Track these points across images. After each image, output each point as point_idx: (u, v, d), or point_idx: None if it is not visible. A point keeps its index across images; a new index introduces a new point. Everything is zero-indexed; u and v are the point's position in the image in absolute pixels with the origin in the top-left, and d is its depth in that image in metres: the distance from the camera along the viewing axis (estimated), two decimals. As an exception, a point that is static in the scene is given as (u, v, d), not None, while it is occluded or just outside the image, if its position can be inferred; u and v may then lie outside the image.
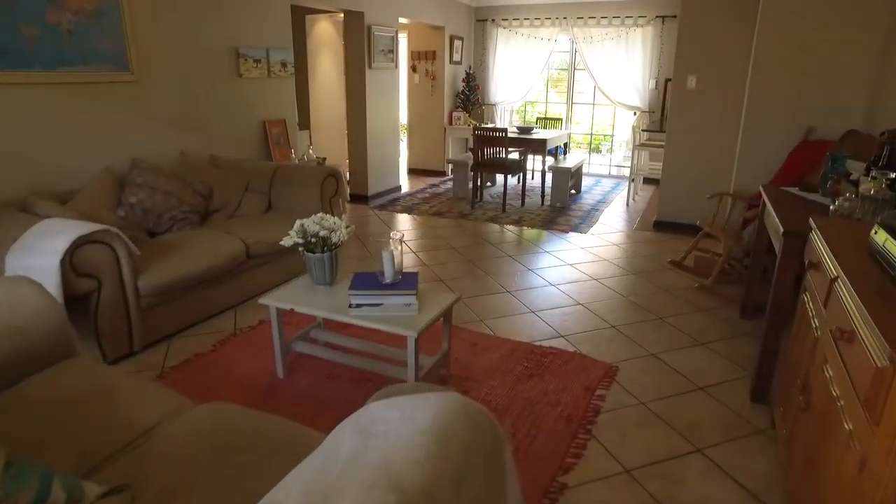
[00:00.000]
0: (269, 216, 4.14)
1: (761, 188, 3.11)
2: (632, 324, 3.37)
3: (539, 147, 6.34)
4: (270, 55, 4.85)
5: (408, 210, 6.15)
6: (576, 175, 6.91)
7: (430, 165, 8.36)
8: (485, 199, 6.64)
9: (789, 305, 2.39)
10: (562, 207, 6.31)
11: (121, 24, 3.52)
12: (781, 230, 2.30)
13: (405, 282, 2.45)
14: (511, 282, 4.03)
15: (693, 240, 4.23)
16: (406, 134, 8.69)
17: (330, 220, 2.63)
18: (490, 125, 8.29)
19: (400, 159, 8.49)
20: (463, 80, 8.20)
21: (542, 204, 6.45)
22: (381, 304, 2.37)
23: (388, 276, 2.44)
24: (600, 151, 9.56)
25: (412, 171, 8.49)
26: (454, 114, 8.16)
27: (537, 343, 3.09)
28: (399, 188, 7.19)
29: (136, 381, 1.84)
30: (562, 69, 8.76)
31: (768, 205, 2.83)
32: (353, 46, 6.18)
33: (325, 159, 5.15)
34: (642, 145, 6.48)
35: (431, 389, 1.25)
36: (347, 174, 6.69)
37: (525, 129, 6.78)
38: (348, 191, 6.52)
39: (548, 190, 6.50)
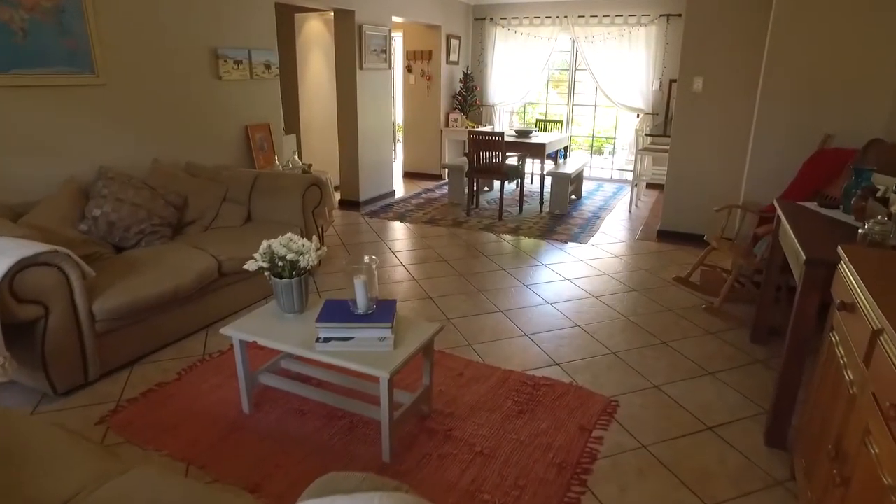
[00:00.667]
0: (247, 228, 3.89)
1: (775, 203, 2.84)
2: (633, 349, 3.11)
3: (537, 151, 6.07)
4: (253, 56, 4.59)
5: (400, 217, 5.89)
6: (576, 180, 6.65)
7: (427, 169, 8.10)
8: (481, 206, 6.38)
9: (811, 337, 2.13)
10: (561, 214, 6.04)
11: (83, 23, 3.27)
12: (803, 257, 2.04)
13: (380, 312, 2.19)
14: (504, 300, 3.77)
15: (700, 254, 3.96)
16: (401, 136, 8.43)
17: (298, 242, 2.37)
18: (488, 128, 8.04)
19: (395, 163, 8.25)
20: (460, 81, 7.93)
21: (541, 211, 6.19)
22: (351, 339, 2.12)
23: (361, 307, 2.18)
24: (602, 154, 9.30)
25: (408, 175, 8.23)
26: (451, 116, 7.90)
27: (530, 372, 2.83)
28: (393, 193, 6.93)
29: (56, 437, 1.59)
30: (563, 69, 8.49)
31: (784, 222, 2.56)
32: (344, 46, 5.92)
33: (310, 165, 4.90)
34: (645, 150, 6.21)
35: (381, 486, 1.00)
36: (338, 179, 6.44)
37: (523, 133, 6.52)
38: (337, 198, 6.28)
39: (547, 196, 6.23)
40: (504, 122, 8.61)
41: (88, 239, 3.19)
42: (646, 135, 5.86)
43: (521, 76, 8.03)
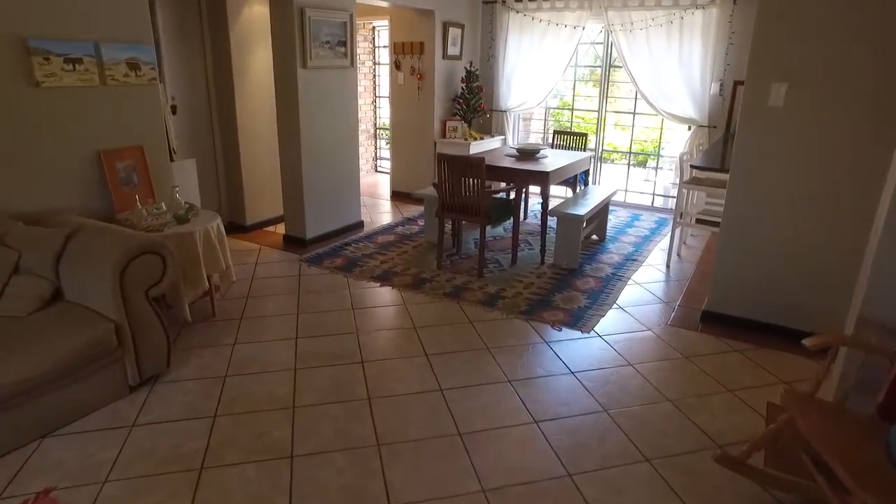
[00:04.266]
0: (38, 320, 2.52)
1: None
2: None
3: (540, 180, 4.41)
4: (104, 52, 3.18)
5: (347, 267, 4.39)
6: (598, 217, 4.94)
7: (417, 188, 6.55)
8: (464, 250, 4.78)
9: None
10: (569, 270, 4.38)
11: None
12: None
13: None
14: (420, 476, 2.21)
15: (766, 429, 2.28)
16: (389, 149, 6.92)
17: None
18: (495, 140, 6.41)
19: (382, 182, 6.82)
20: (462, 81, 6.32)
21: (542, 262, 4.53)
22: None
23: None
24: (644, 166, 7.48)
25: (396, 196, 6.71)
26: (448, 123, 6.32)
27: None
28: (360, 225, 5.44)
29: None
30: (593, 67, 6.74)
31: None
32: (282, 38, 4.45)
33: (191, 206, 3.45)
34: (692, 182, 4.45)
35: None
36: (282, 209, 5.00)
37: (527, 152, 4.87)
38: (281, 233, 4.84)
39: (551, 242, 4.58)
40: (517, 134, 6.94)
41: None
42: (692, 166, 4.11)
43: (541, 75, 6.34)
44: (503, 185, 4.71)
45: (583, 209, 4.41)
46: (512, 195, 4.59)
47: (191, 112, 5.30)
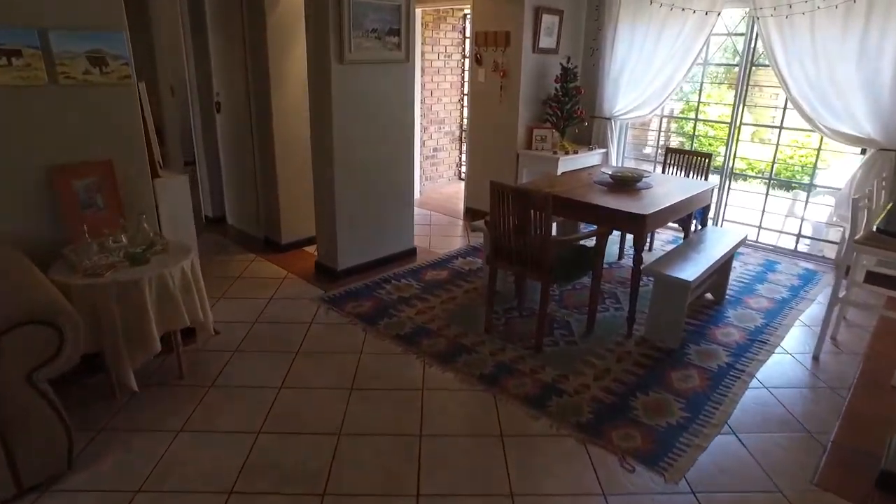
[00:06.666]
0: None
1: None
2: None
3: (632, 225, 3.19)
4: (54, 43, 2.50)
5: (373, 315, 3.48)
6: (717, 275, 3.61)
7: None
8: (529, 303, 3.68)
9: None
10: (666, 352, 3.14)
11: None
12: None
13: None
14: None
15: None
16: (466, 158, 5.93)
17: None
18: (595, 155, 5.19)
19: (455, 196, 5.89)
20: (556, 80, 5.16)
21: (629, 333, 3.32)
22: None
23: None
24: (788, 189, 5.86)
25: (470, 213, 5.72)
26: (536, 131, 5.19)
27: None
28: (411, 254, 4.51)
29: None
30: (728, 65, 5.26)
31: None
32: (315, 24, 3.61)
33: (155, 242, 2.70)
34: (870, 241, 2.99)
35: None
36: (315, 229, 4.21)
37: (625, 180, 3.66)
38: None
39: (645, 304, 3.36)
40: (623, 147, 5.64)
41: None
42: (879, 230, 2.64)
43: (658, 74, 5.01)
44: (584, 226, 3.55)
45: (692, 269, 3.14)
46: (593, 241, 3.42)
47: (231, 112, 4.67)
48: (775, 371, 3.00)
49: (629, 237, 4.57)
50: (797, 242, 4.86)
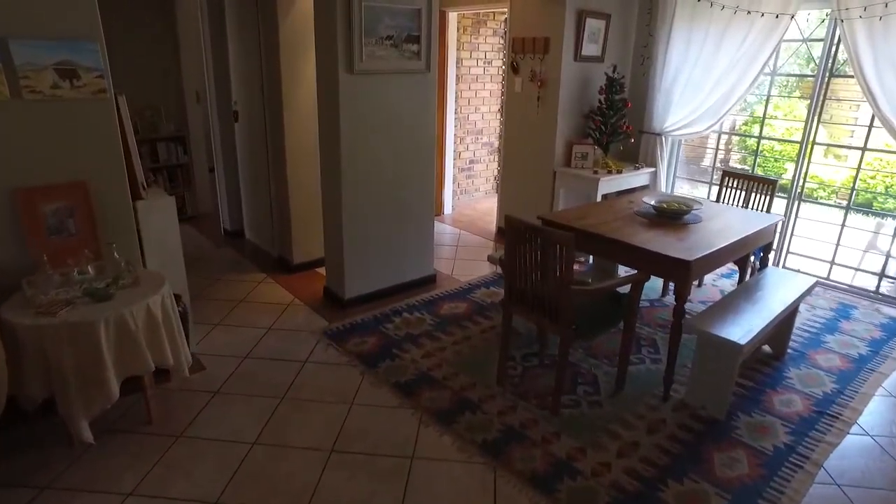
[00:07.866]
0: None
1: None
2: None
3: (674, 271, 2.69)
4: (15, 53, 2.26)
5: (376, 355, 3.11)
6: (780, 327, 3.04)
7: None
8: (552, 350, 3.23)
9: None
10: (708, 422, 2.63)
11: None
12: None
13: None
14: None
15: None
16: (499, 174, 5.49)
17: None
18: (641, 175, 4.65)
19: (488, 213, 5.51)
20: (600, 91, 4.66)
21: (666, 396, 2.82)
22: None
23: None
24: (868, 213, 5.12)
25: (502, 234, 5.29)
26: (576, 148, 4.71)
27: None
28: (429, 281, 4.13)
29: None
30: (802, 76, 4.61)
31: None
32: (324, 30, 3.28)
33: (122, 275, 2.42)
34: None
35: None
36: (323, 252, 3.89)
37: (670, 214, 3.16)
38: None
39: (686, 362, 2.85)
40: (675, 167, 5.07)
41: None
42: None
43: (718, 85, 4.44)
44: (619, 269, 3.07)
45: (745, 327, 2.61)
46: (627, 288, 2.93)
47: (248, 122, 4.43)
48: (851, 460, 2.43)
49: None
50: (879, 282, 4.17)
